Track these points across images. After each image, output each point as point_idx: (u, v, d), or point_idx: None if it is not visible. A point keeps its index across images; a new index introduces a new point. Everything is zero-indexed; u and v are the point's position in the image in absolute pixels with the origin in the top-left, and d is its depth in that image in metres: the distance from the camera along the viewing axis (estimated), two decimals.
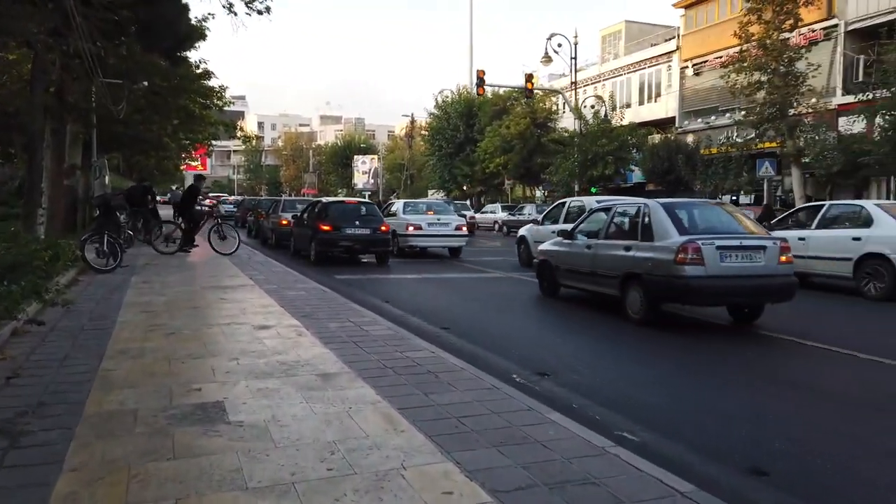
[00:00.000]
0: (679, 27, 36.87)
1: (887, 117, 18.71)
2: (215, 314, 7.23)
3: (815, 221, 12.44)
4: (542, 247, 11.35)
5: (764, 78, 24.13)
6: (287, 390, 4.29)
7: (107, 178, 20.15)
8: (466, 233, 18.65)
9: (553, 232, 13.63)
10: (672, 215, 8.46)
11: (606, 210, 9.95)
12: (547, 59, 34.24)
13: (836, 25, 28.21)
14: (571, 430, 3.62)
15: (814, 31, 28.22)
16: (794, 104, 23.99)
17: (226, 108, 26.89)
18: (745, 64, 24.38)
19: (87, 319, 6.79)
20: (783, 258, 8.26)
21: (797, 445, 4.07)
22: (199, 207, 17.31)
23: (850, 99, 26.20)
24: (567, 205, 15.47)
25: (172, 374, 4.69)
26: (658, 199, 9.62)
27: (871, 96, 20.04)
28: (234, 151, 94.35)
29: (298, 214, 18.03)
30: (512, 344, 6.96)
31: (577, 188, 33.93)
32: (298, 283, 10.02)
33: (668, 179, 29.68)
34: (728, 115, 33.11)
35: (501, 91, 41.83)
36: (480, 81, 31.24)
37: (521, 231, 16.68)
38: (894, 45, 20.51)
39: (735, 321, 8.77)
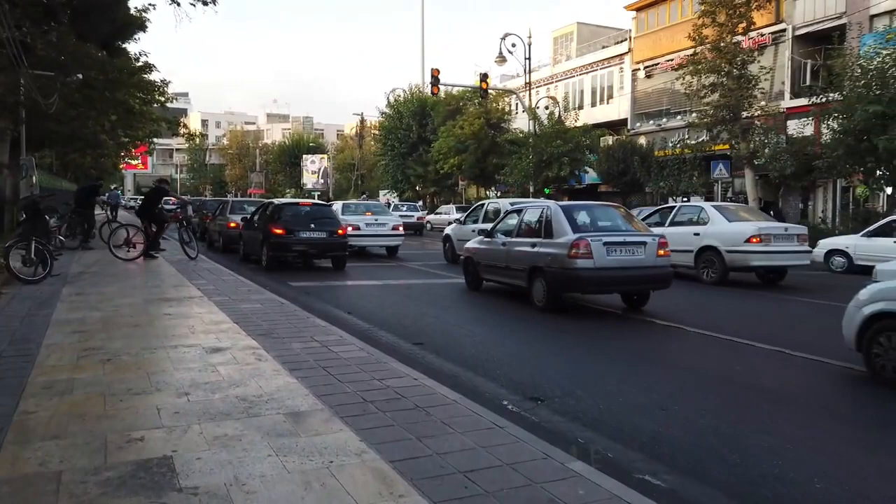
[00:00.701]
0: (630, 30, 37.06)
1: (841, 120, 18.86)
2: (160, 333, 6.37)
3: (668, 220, 14.58)
4: (466, 245, 12.39)
5: (718, 80, 24.28)
6: (251, 437, 3.54)
7: (34, 178, 18.67)
8: (402, 232, 19.46)
9: (473, 231, 15.32)
10: (569, 216, 9.75)
11: (518, 212, 11.06)
12: (501, 58, 33.86)
13: (784, 30, 28.67)
14: (604, 486, 3.00)
15: (762, 35, 28.63)
16: (747, 107, 24.20)
17: (168, 105, 25.50)
18: (700, 66, 24.47)
19: (6, 343, 5.84)
20: (661, 252, 9.61)
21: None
22: (162, 210, 16.46)
23: (799, 102, 26.67)
24: (485, 206, 16.97)
25: (108, 417, 3.87)
26: (559, 202, 11.25)
27: (824, 99, 20.25)
28: (177, 150, 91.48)
29: (248, 217, 17.05)
30: (487, 357, 6.41)
31: (532, 189, 33.70)
32: (252, 294, 9.17)
33: (624, 181, 29.66)
34: (679, 116, 33.43)
35: (455, 91, 41.34)
36: (435, 80, 30.60)
37: (447, 230, 17.92)
38: (840, 52, 20.78)
39: (627, 307, 10.01)
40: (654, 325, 8.73)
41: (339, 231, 15.08)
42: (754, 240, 12.92)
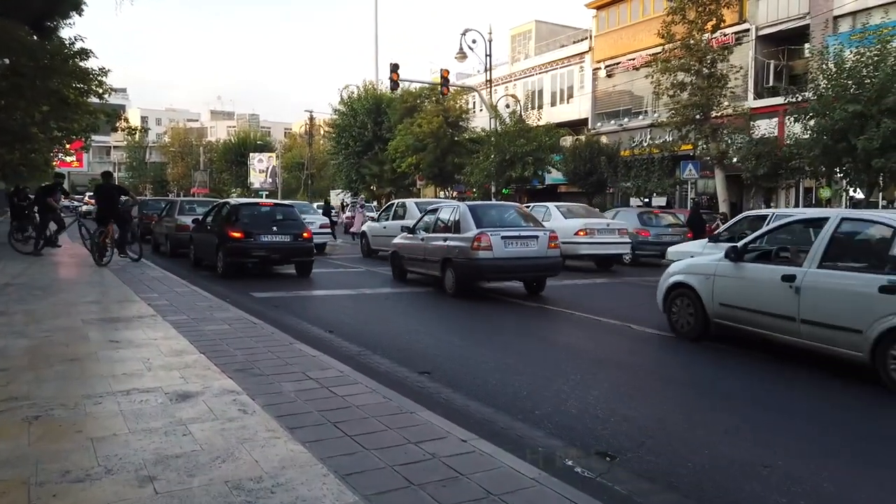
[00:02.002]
0: (591, 28, 36.52)
1: (818, 120, 18.43)
2: (106, 371, 4.96)
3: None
4: (393, 241, 13.67)
5: (687, 79, 23.77)
6: None
7: None
8: (329, 231, 20.99)
9: (384, 227, 17.62)
10: (474, 214, 11.15)
11: (434, 211, 12.57)
12: (462, 55, 32.80)
13: (747, 30, 28.48)
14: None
15: (726, 35, 28.33)
16: (717, 106, 23.77)
17: (105, 97, 23.41)
18: (670, 64, 23.91)
19: None
20: (552, 245, 11.20)
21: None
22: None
23: (764, 103, 26.47)
24: (394, 205, 18.70)
25: None
26: (468, 202, 13.16)
27: (799, 98, 19.85)
28: (115, 147, 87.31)
29: (200, 218, 15.45)
30: (511, 390, 5.28)
31: (493, 189, 32.73)
32: (215, 311, 7.74)
33: (590, 181, 28.96)
34: (641, 116, 33.02)
35: (413, 87, 40.03)
36: (394, 77, 29.23)
37: (363, 227, 20.08)
38: (812, 51, 20.44)
39: (528, 293, 11.53)
40: (521, 305, 10.40)
41: (305, 234, 13.69)
42: (581, 233, 15.33)
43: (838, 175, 19.95)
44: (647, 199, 30.09)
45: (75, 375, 4.81)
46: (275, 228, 13.40)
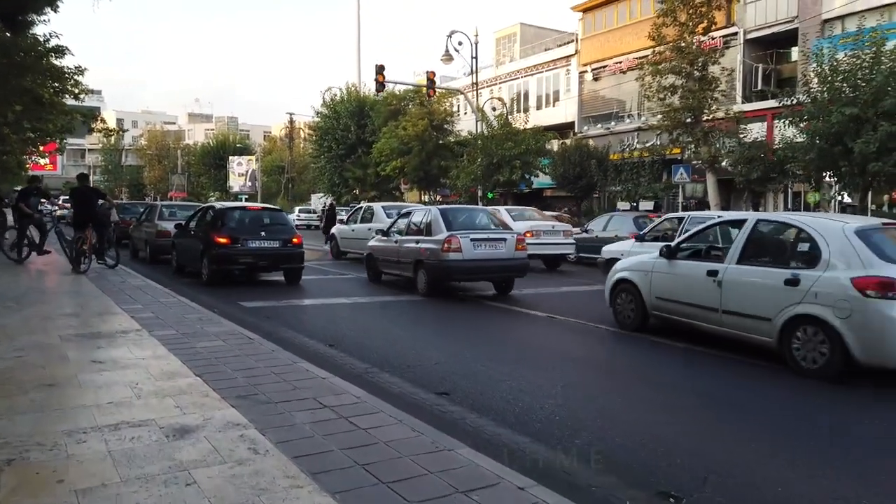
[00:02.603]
0: (577, 31, 36.25)
1: (815, 123, 18.20)
2: (89, 400, 4.34)
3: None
4: (368, 244, 14.14)
5: (678, 82, 23.51)
6: None
7: None
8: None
9: (352, 230, 18.43)
10: (445, 217, 11.59)
11: (407, 214, 12.94)
12: (448, 57, 32.31)
13: (735, 34, 28.36)
14: None
15: (714, 38, 28.16)
16: (708, 109, 23.53)
17: (81, 97, 22.54)
18: (661, 66, 23.63)
19: None
20: (518, 247, 11.66)
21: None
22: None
23: (751, 107, 26.33)
24: (362, 209, 19.44)
25: None
26: (439, 206, 13.93)
27: (794, 101, 19.62)
28: (90, 150, 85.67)
29: (183, 223, 14.74)
30: (542, 412, 4.73)
31: (480, 193, 32.27)
32: (206, 325, 7.11)
33: (580, 185, 28.60)
34: (629, 120, 32.79)
35: (397, 90, 39.46)
36: (379, 74, 28.64)
37: (333, 230, 20.52)
38: (806, 53, 20.23)
39: (497, 292, 11.96)
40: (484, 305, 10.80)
41: (295, 239, 13.06)
42: (528, 234, 15.58)
43: (830, 179, 19.77)
44: (634, 204, 29.82)
45: (54, 405, 4.19)
46: (263, 233, 12.76)
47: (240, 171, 65.80)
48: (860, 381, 6.06)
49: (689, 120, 23.41)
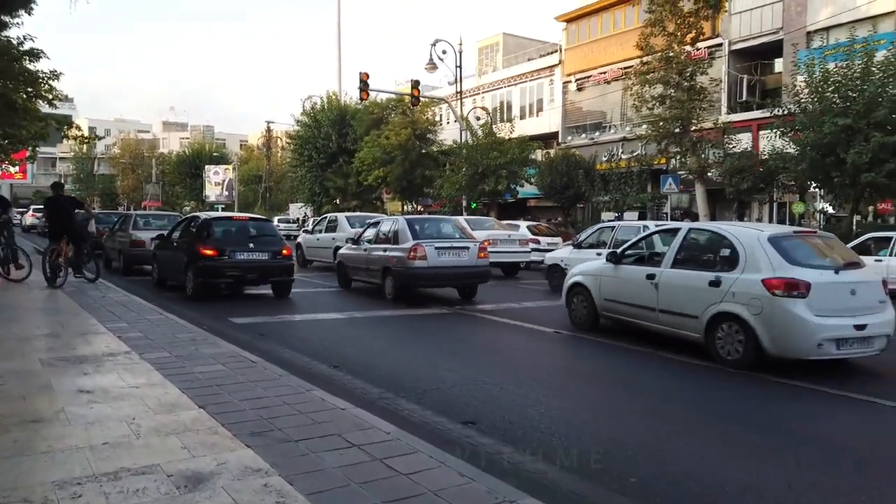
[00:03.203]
0: (561, 41, 36.15)
1: (808, 133, 18.11)
2: (81, 440, 3.78)
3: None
4: (339, 251, 14.74)
5: (666, 92, 23.39)
6: None
7: None
8: None
9: (318, 238, 19.08)
10: (411, 227, 12.25)
11: (376, 224, 13.63)
12: (432, 65, 31.97)
13: (720, 45, 28.39)
14: None
15: (699, 49, 28.20)
16: (697, 119, 23.44)
17: (55, 103, 21.74)
18: (649, 76, 23.49)
19: None
20: (481, 255, 12.37)
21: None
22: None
23: (736, 117, 26.31)
24: (326, 219, 20.05)
25: None
26: (406, 216, 14.93)
27: (784, 111, 19.56)
28: (61, 159, 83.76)
29: (165, 234, 14.09)
30: (582, 443, 4.26)
31: (465, 202, 31.88)
32: (202, 346, 6.53)
33: (567, 195, 28.32)
34: (613, 130, 32.70)
35: (379, 98, 38.99)
36: (364, 85, 28.20)
37: (298, 239, 21.40)
38: (796, 66, 20.17)
39: (462, 298, 12.59)
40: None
41: (284, 251, 12.49)
42: (486, 243, 16.45)
43: (815, 190, 19.69)
44: (618, 214, 29.62)
45: (40, 448, 3.61)
46: (251, 245, 12.17)
47: (216, 181, 64.61)
48: (766, 372, 6.78)
49: (677, 130, 23.29)
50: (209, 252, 11.70)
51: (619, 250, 9.10)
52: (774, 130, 19.76)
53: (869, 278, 7.34)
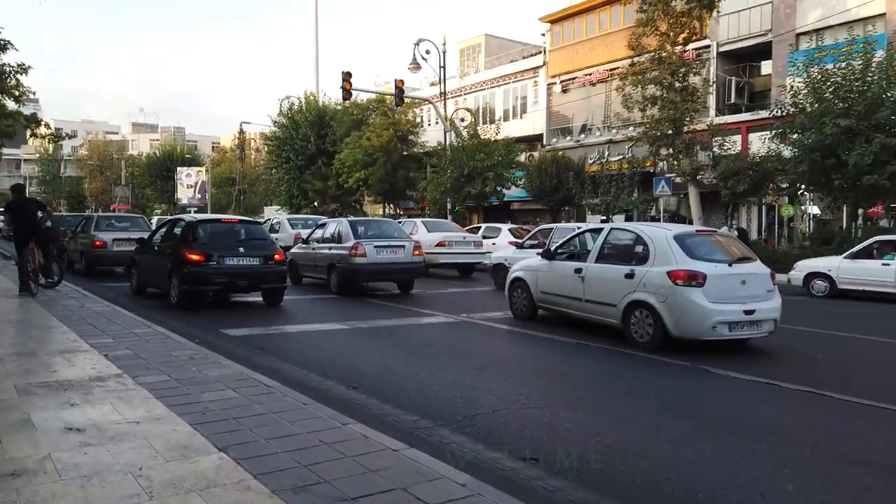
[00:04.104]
0: (545, 43, 35.65)
1: (808, 135, 17.74)
2: (78, 501, 2.96)
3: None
4: (291, 251, 15.29)
5: (659, 93, 22.96)
6: None
7: None
8: None
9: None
10: (354, 227, 13.76)
11: (324, 225, 14.97)
12: (415, 65, 31.25)
13: (708, 46, 28.12)
14: None
15: (686, 51, 27.91)
16: (689, 121, 23.04)
17: (22, 100, 20.53)
18: (641, 77, 23.03)
19: None
20: (416, 252, 13.79)
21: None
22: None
23: (725, 119, 26.00)
24: (271, 221, 21.94)
25: None
26: (351, 218, 16.85)
27: (786, 112, 19.20)
28: (26, 160, 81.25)
29: (145, 238, 13.12)
30: (676, 484, 3.62)
31: (449, 205, 31.15)
32: (204, 367, 5.68)
33: (557, 197, 27.75)
34: (599, 132, 32.26)
35: (360, 99, 38.08)
36: (347, 86, 27.30)
37: None
38: (795, 67, 19.84)
39: (401, 292, 13.92)
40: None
41: (277, 256, 11.64)
42: (441, 245, 17.50)
43: (804, 192, 19.35)
44: (605, 217, 29.14)
45: None
46: (241, 249, 11.29)
47: (189, 183, 62.98)
48: (671, 353, 7.73)
49: (669, 132, 22.86)
50: (196, 257, 10.80)
51: (552, 248, 10.42)
52: (774, 131, 19.37)
53: (758, 271, 8.36)
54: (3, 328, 7.54)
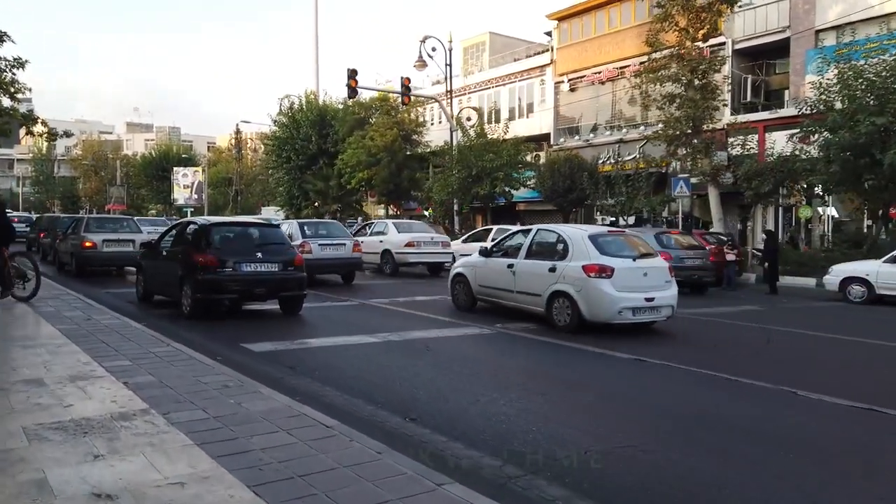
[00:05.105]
0: (553, 40, 34.88)
1: (844, 134, 17.00)
2: None
3: (369, 232, 20.63)
4: None
5: (677, 90, 22.23)
6: None
7: None
8: None
9: None
10: (302, 228, 16.17)
11: (279, 225, 15.30)
12: (421, 63, 30.54)
13: (723, 44, 27.37)
14: None
15: (700, 48, 27.22)
16: (710, 119, 22.33)
17: (18, 96, 19.67)
18: (659, 74, 22.29)
19: None
20: (355, 249, 16.20)
21: None
22: None
23: (741, 118, 25.27)
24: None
25: None
26: (299, 220, 19.59)
27: (811, 110, 18.49)
28: (19, 160, 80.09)
29: (153, 241, 12.29)
30: None
31: (455, 207, 30.34)
32: (244, 399, 4.79)
33: (570, 198, 26.96)
34: (609, 132, 31.49)
35: (362, 98, 37.21)
36: (352, 84, 26.49)
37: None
38: (826, 63, 19.11)
39: (344, 282, 16.05)
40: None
41: (296, 261, 10.82)
42: (410, 245, 18.52)
43: (821, 194, 18.58)
44: (612, 219, 28.36)
45: None
46: (259, 255, 10.46)
47: (185, 183, 61.98)
48: (586, 335, 8.99)
49: (689, 131, 22.13)
50: (210, 263, 9.97)
51: (489, 246, 11.94)
52: (804, 130, 18.63)
53: (658, 265, 9.89)
54: (3, 346, 6.69)
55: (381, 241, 19.14)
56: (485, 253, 11.30)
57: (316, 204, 41.92)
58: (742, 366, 7.60)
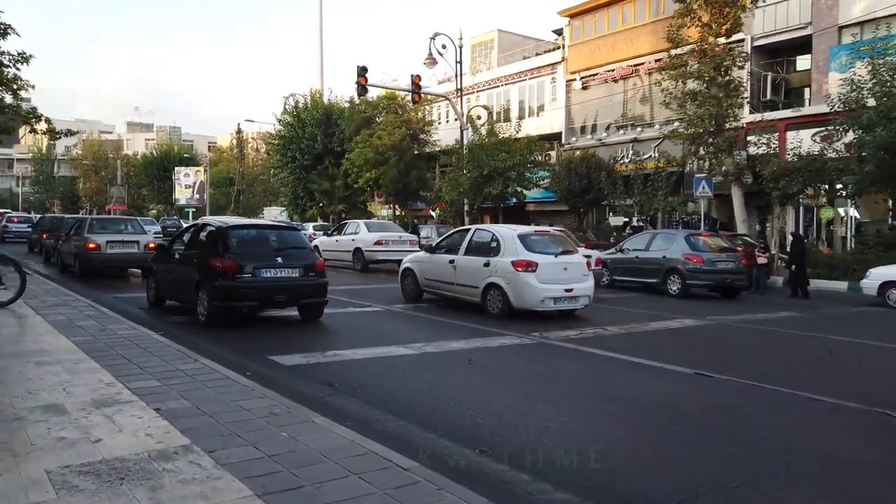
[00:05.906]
0: (564, 38, 34.21)
1: (881, 132, 16.37)
2: None
3: (343, 232, 22.02)
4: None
5: (699, 87, 21.60)
6: None
7: None
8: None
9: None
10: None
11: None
12: (431, 60, 29.84)
13: (742, 40, 26.74)
14: None
15: (718, 45, 26.54)
16: (733, 117, 21.71)
17: (21, 93, 19.01)
18: (682, 70, 21.67)
19: None
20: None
21: None
22: None
23: (760, 117, 24.65)
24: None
25: None
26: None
27: (845, 107, 17.85)
28: (18, 160, 79.40)
29: (166, 244, 11.65)
30: None
31: (466, 207, 29.67)
32: (298, 433, 4.14)
33: (587, 199, 26.29)
34: (622, 131, 30.85)
35: (370, 97, 36.53)
36: (362, 81, 25.82)
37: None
38: (858, 60, 18.47)
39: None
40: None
41: (317, 265, 10.19)
42: (378, 243, 19.71)
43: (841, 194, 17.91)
44: (627, 220, 27.72)
45: None
46: (279, 259, 9.82)
47: (187, 183, 61.40)
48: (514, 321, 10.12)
49: (711, 129, 21.50)
50: (228, 269, 9.32)
51: (433, 244, 13.55)
52: (839, 127, 18.00)
53: (577, 260, 11.32)
54: (15, 363, 6.02)
55: (353, 240, 20.53)
56: (429, 249, 12.74)
57: (321, 204, 41.28)
58: (824, 382, 6.95)
